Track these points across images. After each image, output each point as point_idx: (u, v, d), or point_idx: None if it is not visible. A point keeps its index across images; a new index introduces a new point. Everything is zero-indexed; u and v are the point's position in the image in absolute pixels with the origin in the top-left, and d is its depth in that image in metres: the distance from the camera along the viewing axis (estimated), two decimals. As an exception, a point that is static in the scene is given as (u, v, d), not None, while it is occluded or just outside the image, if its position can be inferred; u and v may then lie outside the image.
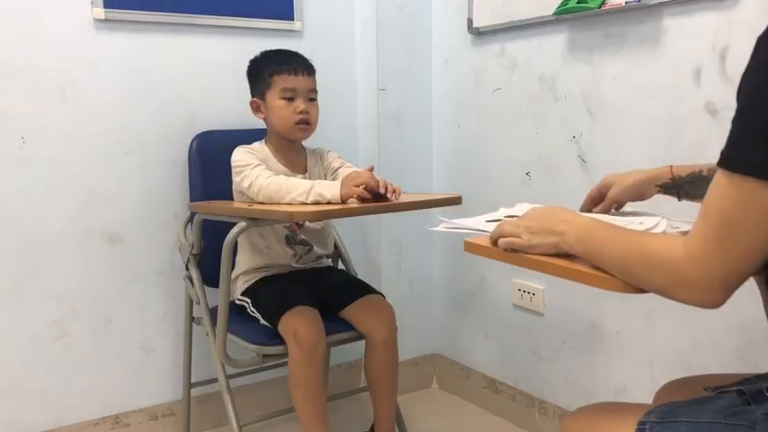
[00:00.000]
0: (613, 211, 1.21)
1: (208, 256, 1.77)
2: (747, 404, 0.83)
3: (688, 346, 1.58)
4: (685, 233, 0.79)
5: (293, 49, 1.76)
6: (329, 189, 1.50)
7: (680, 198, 1.12)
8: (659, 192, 1.13)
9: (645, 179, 1.13)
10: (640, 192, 1.15)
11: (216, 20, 1.95)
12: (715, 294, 0.75)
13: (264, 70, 1.70)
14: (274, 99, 1.68)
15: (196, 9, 1.91)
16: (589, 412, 0.97)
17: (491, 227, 1.03)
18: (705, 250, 0.74)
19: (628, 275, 0.83)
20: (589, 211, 1.21)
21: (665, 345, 1.63)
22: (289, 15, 2.06)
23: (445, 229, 1.11)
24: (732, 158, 0.73)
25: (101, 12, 1.78)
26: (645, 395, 1.43)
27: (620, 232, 0.89)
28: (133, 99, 1.87)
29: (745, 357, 1.47)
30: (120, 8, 1.81)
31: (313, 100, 1.72)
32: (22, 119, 1.74)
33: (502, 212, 1.18)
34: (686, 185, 1.09)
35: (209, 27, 1.95)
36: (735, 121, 0.74)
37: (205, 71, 1.96)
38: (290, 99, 1.68)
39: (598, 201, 1.20)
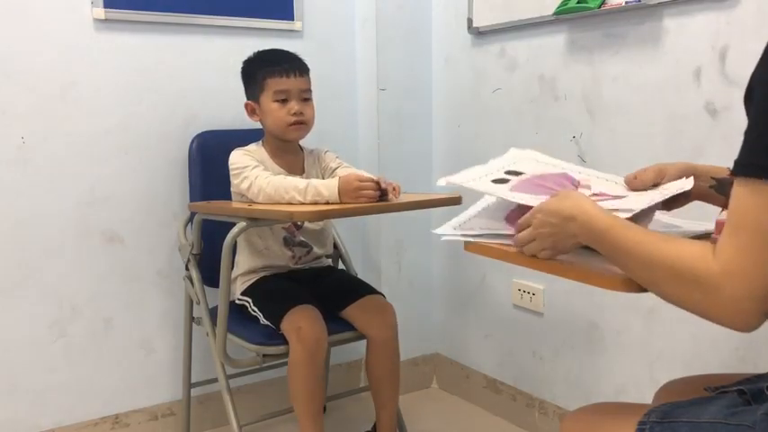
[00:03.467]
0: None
1: (208, 256, 1.77)
2: (748, 404, 0.83)
3: (688, 346, 1.58)
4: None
5: (293, 50, 1.75)
6: (326, 187, 1.50)
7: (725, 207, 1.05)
8: (712, 185, 1.00)
9: (701, 166, 1.02)
10: (690, 170, 1.02)
11: (216, 20, 1.95)
12: (751, 317, 0.69)
13: (257, 73, 1.70)
14: (268, 102, 1.68)
15: (196, 9, 1.91)
16: (589, 412, 0.97)
17: (500, 191, 1.00)
18: (742, 264, 0.68)
19: (654, 287, 0.77)
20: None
21: (665, 345, 1.63)
22: (289, 15, 2.06)
23: (452, 236, 1.08)
24: (755, 165, 0.69)
25: (101, 12, 1.78)
26: (645, 395, 1.43)
27: (642, 236, 0.80)
28: (133, 99, 1.87)
29: (745, 357, 1.47)
30: (120, 8, 1.81)
31: (307, 100, 1.71)
32: (22, 119, 1.74)
33: (501, 165, 1.11)
34: None
35: (209, 27, 1.95)
36: (751, 127, 0.71)
37: (205, 71, 1.96)
38: (284, 101, 1.68)
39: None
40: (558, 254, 0.92)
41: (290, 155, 1.77)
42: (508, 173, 1.08)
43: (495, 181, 1.04)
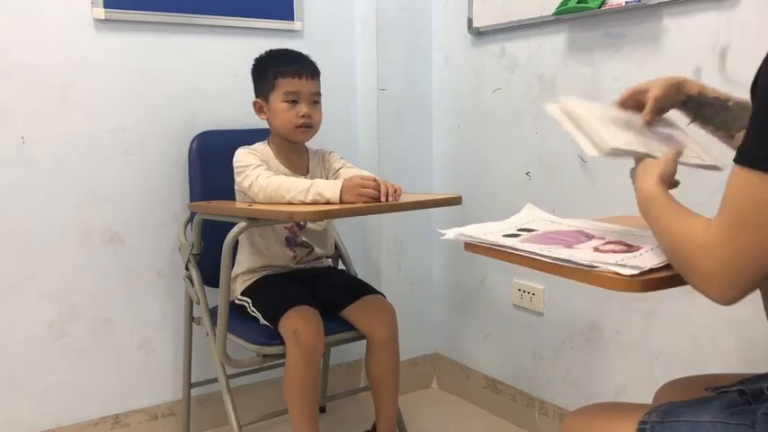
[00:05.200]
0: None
1: (208, 256, 1.77)
2: (748, 404, 0.83)
3: (688, 346, 1.58)
4: None
5: (293, 49, 1.75)
6: (328, 188, 1.50)
7: (692, 120, 1.08)
8: (680, 105, 1.07)
9: (677, 82, 1.06)
10: (673, 92, 1.06)
11: (216, 20, 1.94)
12: (727, 289, 0.75)
13: (269, 71, 1.70)
14: (277, 101, 1.68)
15: (196, 9, 1.91)
16: (589, 412, 0.97)
17: (510, 241, 1.01)
18: (715, 241, 0.75)
19: (669, 256, 0.85)
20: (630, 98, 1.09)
21: (665, 345, 1.63)
22: (289, 15, 2.06)
23: (456, 237, 1.08)
24: (746, 153, 0.74)
25: (101, 12, 1.78)
26: (645, 395, 1.43)
27: (669, 210, 0.87)
28: (133, 99, 1.87)
29: (745, 357, 1.47)
30: (120, 8, 1.81)
31: (316, 103, 1.72)
32: (22, 119, 1.74)
33: (514, 222, 1.14)
34: (708, 108, 1.05)
35: (209, 27, 1.95)
36: (752, 117, 0.75)
37: (205, 71, 1.96)
38: (294, 102, 1.68)
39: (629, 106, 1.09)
40: None
41: (295, 155, 1.77)
42: (521, 230, 1.10)
43: (507, 236, 1.06)
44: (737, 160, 0.75)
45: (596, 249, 0.96)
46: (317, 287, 1.75)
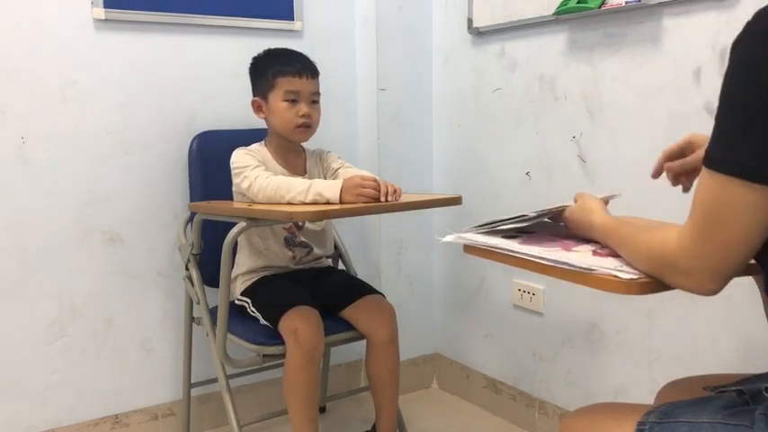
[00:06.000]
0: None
1: (208, 256, 1.77)
2: (746, 404, 0.83)
3: (688, 346, 1.58)
4: None
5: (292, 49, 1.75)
6: (328, 188, 1.50)
7: None
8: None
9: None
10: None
11: (216, 20, 1.95)
12: (708, 283, 0.79)
13: (268, 70, 1.69)
14: (277, 101, 1.68)
15: (196, 9, 1.91)
16: (589, 412, 0.97)
17: (509, 244, 1.01)
18: (692, 242, 0.79)
19: (644, 270, 0.88)
20: (661, 168, 1.17)
21: (665, 345, 1.63)
22: (289, 15, 2.06)
23: (455, 240, 1.08)
24: (710, 157, 0.77)
25: (101, 12, 1.79)
26: (645, 395, 1.43)
27: (631, 230, 0.94)
28: (133, 99, 1.87)
29: (744, 357, 1.47)
30: (120, 8, 1.81)
31: (315, 102, 1.72)
32: (22, 119, 1.74)
33: (511, 222, 1.12)
34: None
35: (210, 27, 1.95)
36: (715, 120, 0.78)
37: (205, 71, 1.96)
38: (293, 101, 1.68)
39: (676, 156, 1.16)
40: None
41: (292, 155, 1.77)
42: (520, 231, 1.11)
43: (506, 238, 1.06)
44: (704, 163, 0.78)
45: (595, 253, 0.96)
46: (316, 287, 1.75)
